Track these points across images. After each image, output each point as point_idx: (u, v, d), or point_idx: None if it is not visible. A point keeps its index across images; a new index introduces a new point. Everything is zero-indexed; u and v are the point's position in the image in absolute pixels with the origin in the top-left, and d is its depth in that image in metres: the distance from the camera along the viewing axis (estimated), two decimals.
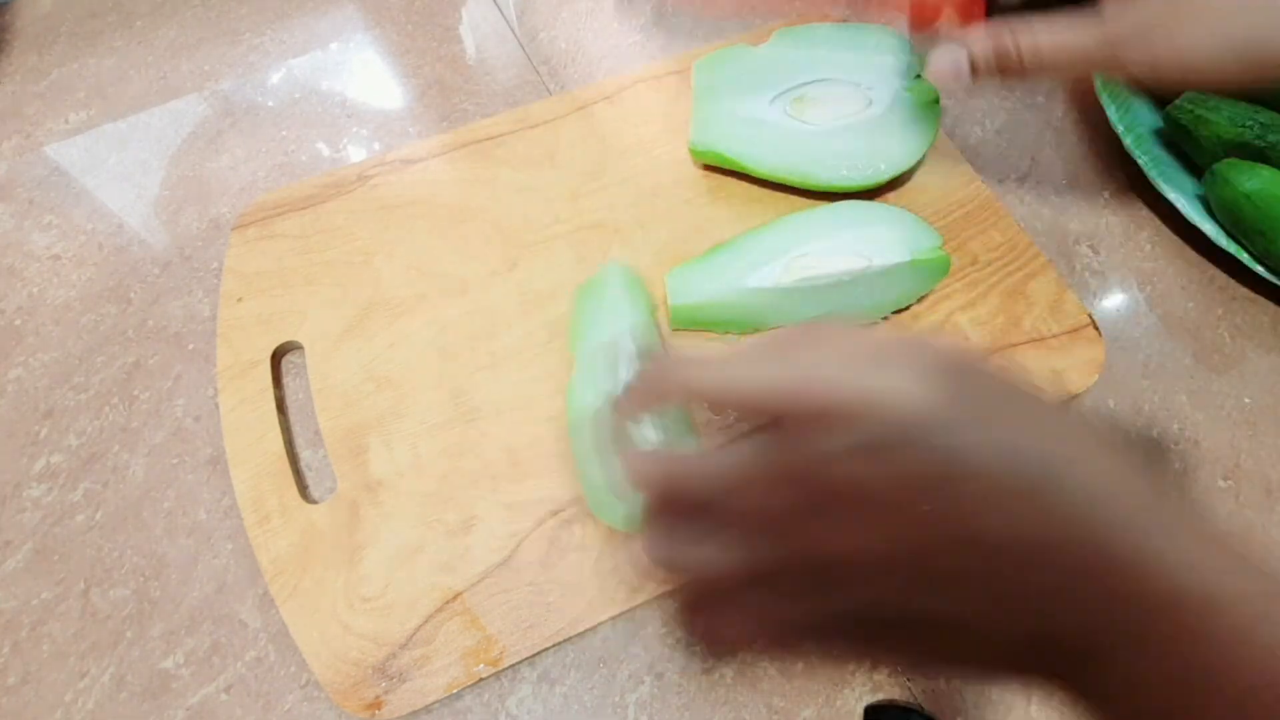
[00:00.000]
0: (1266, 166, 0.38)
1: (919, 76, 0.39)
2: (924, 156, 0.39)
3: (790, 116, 0.39)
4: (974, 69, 0.31)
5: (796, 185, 0.39)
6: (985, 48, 0.31)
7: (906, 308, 0.37)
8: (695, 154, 0.40)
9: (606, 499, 0.31)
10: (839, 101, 0.39)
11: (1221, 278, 0.41)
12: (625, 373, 0.32)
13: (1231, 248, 0.39)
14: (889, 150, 0.38)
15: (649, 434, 0.31)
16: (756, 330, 0.36)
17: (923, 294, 0.37)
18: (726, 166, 0.40)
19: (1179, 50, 0.28)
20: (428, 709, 0.30)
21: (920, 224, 0.37)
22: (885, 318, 0.37)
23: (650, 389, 0.22)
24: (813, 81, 0.40)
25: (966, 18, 0.36)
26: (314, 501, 0.33)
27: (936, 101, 0.39)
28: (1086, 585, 0.17)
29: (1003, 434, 0.18)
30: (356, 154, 0.44)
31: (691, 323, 0.36)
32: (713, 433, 0.33)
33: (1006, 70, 0.30)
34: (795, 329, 0.21)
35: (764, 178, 0.39)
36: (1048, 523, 0.17)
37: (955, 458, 0.17)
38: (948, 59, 0.31)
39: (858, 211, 0.37)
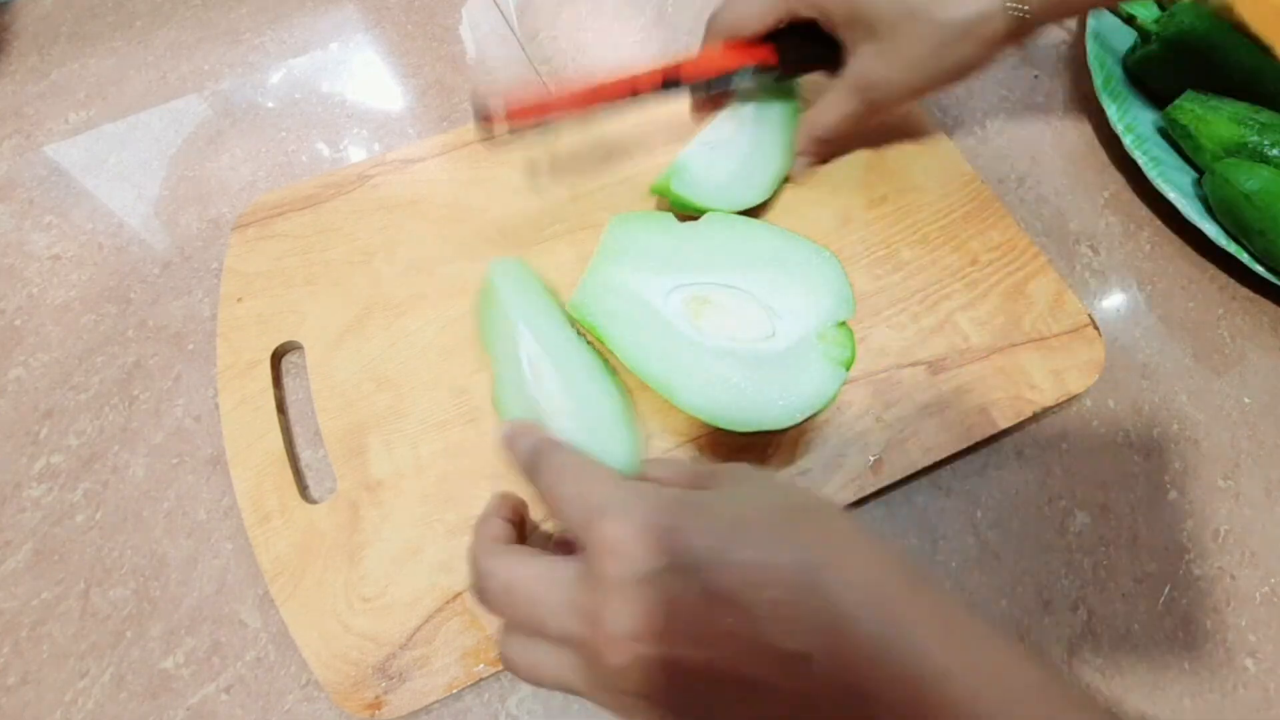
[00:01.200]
0: (1266, 166, 0.38)
1: (843, 324, 0.33)
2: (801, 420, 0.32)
3: (683, 316, 0.33)
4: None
5: (658, 391, 0.32)
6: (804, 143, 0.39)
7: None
8: (571, 312, 0.35)
9: None
10: (740, 320, 0.33)
11: (1221, 278, 0.41)
12: (530, 371, 0.33)
13: (1231, 248, 0.39)
14: (767, 399, 0.31)
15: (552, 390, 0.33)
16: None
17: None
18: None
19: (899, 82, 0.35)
20: (428, 709, 0.30)
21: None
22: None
23: (511, 452, 0.26)
24: (724, 286, 0.34)
25: (752, 56, 0.37)
26: (314, 501, 0.33)
27: (848, 365, 0.32)
28: (849, 673, 0.19)
29: (770, 538, 0.21)
30: (357, 154, 0.44)
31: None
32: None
33: (828, 148, 0.40)
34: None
35: (630, 370, 0.33)
36: (813, 620, 0.19)
37: (730, 572, 0.20)
38: (800, 166, 0.40)
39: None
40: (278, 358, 0.37)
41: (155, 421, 0.36)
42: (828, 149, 0.40)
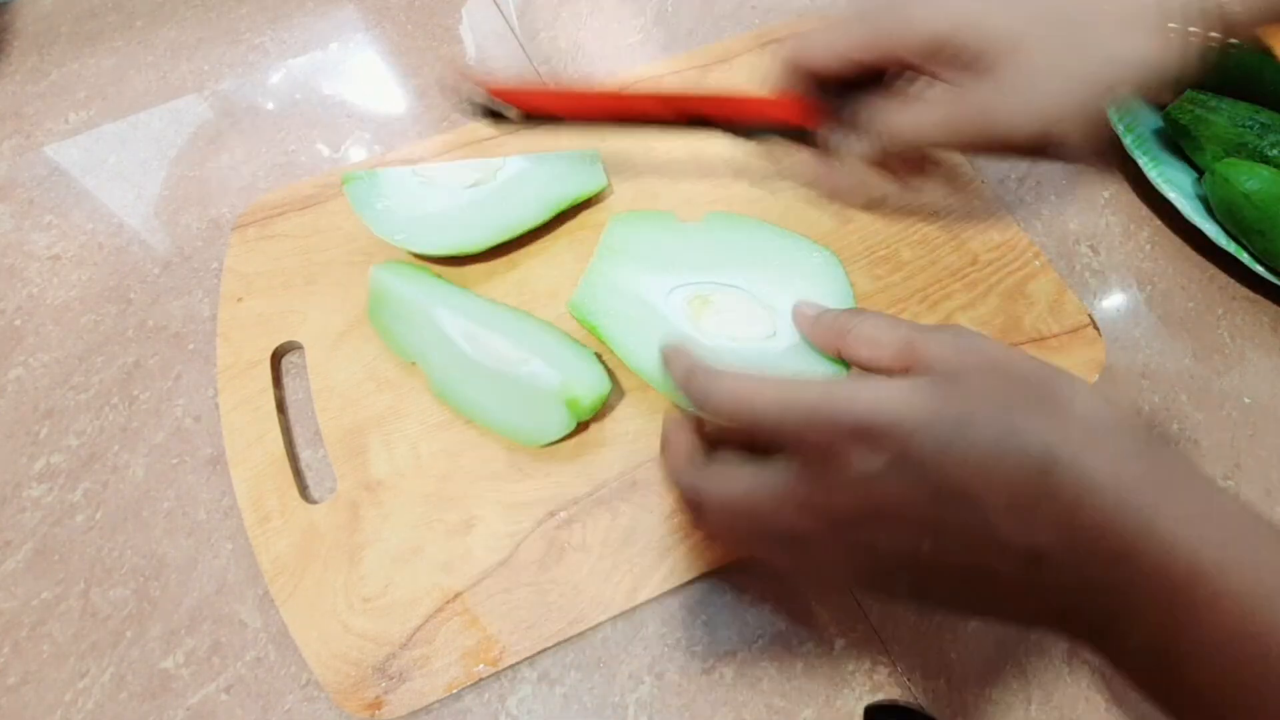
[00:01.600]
0: (1266, 166, 0.38)
1: None
2: None
3: (684, 315, 0.33)
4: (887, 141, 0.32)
5: (659, 391, 0.33)
6: (885, 125, 0.31)
7: None
8: (571, 312, 0.35)
9: (528, 423, 0.33)
10: (741, 319, 0.33)
11: (1221, 278, 0.41)
12: (469, 345, 0.34)
13: (1231, 248, 0.39)
14: (815, 368, 0.32)
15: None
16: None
17: None
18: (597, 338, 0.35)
19: (1022, 108, 0.29)
20: (428, 709, 0.30)
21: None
22: None
23: (679, 382, 0.26)
24: (725, 285, 0.34)
25: (800, 115, 0.33)
26: (314, 501, 0.33)
27: (849, 365, 0.31)
28: (1087, 569, 0.19)
29: (998, 433, 0.20)
30: (357, 154, 0.44)
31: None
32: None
33: (884, 163, 0.33)
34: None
35: (631, 370, 0.33)
36: (1048, 519, 0.19)
37: (956, 469, 0.19)
38: (864, 143, 0.33)
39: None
40: (278, 358, 0.37)
41: (155, 421, 0.36)
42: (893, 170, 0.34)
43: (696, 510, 0.25)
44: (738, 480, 0.23)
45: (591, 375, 0.33)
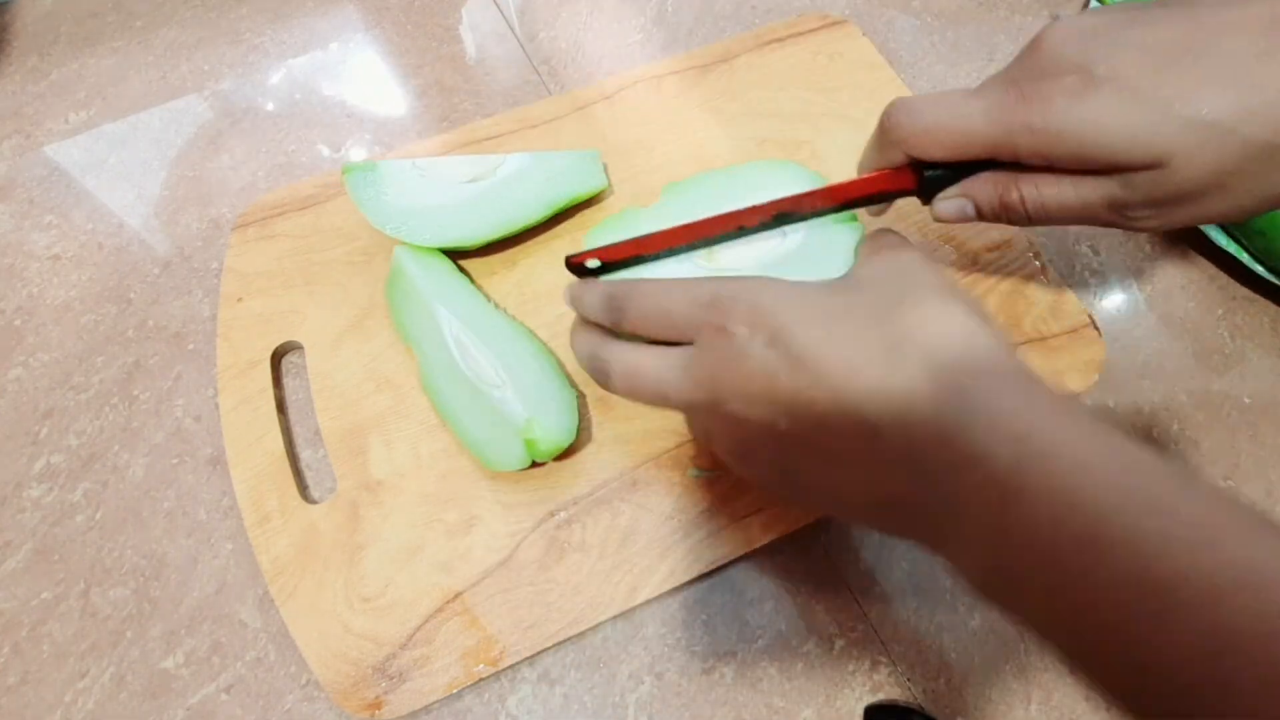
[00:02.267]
0: None
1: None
2: None
3: (705, 269, 0.33)
4: (979, 214, 0.28)
5: None
6: (991, 197, 0.28)
7: None
8: None
9: (490, 446, 0.32)
10: (752, 242, 0.33)
11: (1221, 278, 0.41)
12: (458, 350, 0.34)
13: (1231, 248, 0.39)
14: (826, 273, 0.30)
15: None
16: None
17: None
18: None
19: (1215, 214, 0.25)
20: (428, 709, 0.30)
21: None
22: None
23: (582, 306, 0.28)
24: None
25: (895, 184, 0.29)
26: (314, 501, 0.33)
27: (854, 216, 0.32)
28: (921, 458, 0.20)
29: (860, 327, 0.22)
30: (357, 154, 0.44)
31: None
32: None
33: (1011, 218, 0.28)
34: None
35: None
36: (886, 401, 0.21)
37: (816, 350, 0.22)
38: (954, 206, 0.29)
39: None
40: (278, 358, 0.37)
41: (155, 421, 0.36)
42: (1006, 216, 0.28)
43: (604, 378, 0.27)
44: (642, 355, 0.26)
45: (559, 421, 0.32)
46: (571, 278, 0.30)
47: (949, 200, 0.28)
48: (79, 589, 0.33)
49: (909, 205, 0.31)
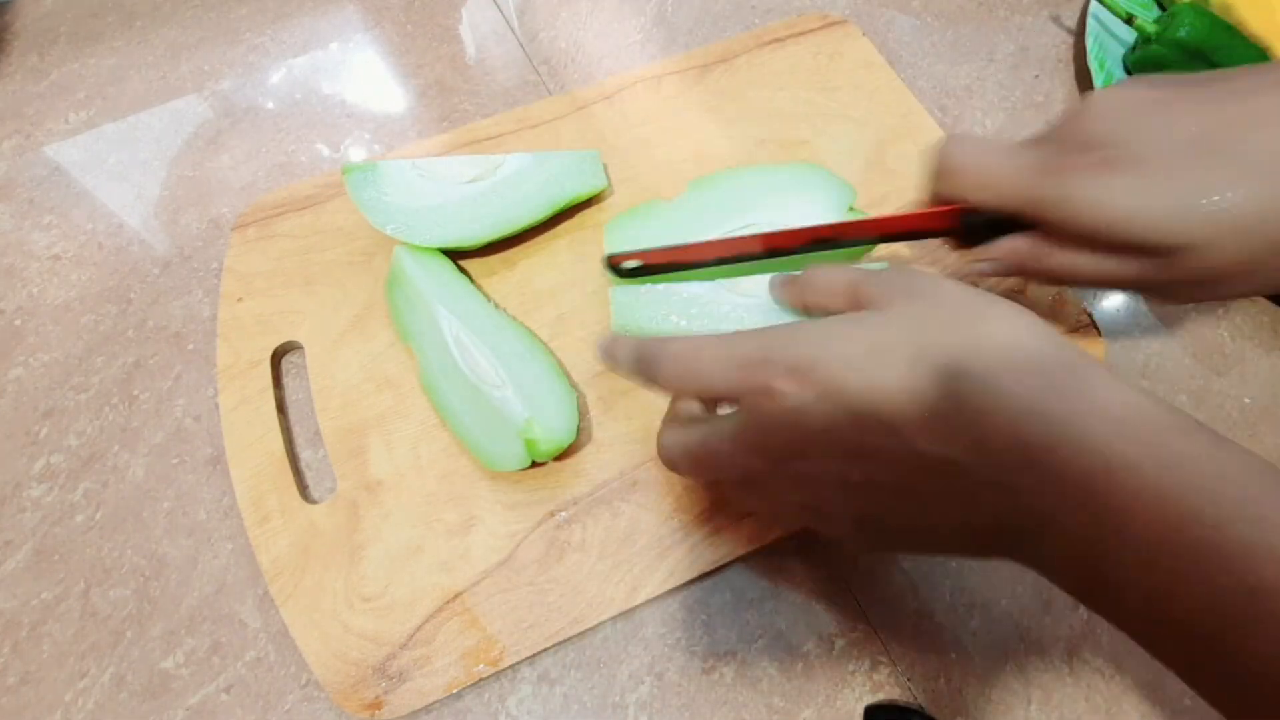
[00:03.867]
0: None
1: (851, 209, 0.35)
2: None
3: (730, 295, 0.33)
4: (1013, 272, 0.29)
5: None
6: (1025, 260, 0.28)
7: None
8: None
9: (490, 446, 0.32)
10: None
11: None
12: (458, 351, 0.34)
13: None
14: None
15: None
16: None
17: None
18: None
19: (1248, 292, 0.27)
20: (428, 709, 0.30)
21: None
22: None
23: (629, 368, 0.27)
24: (741, 230, 0.35)
25: (937, 223, 0.30)
26: (314, 501, 0.33)
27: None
28: (1002, 475, 0.20)
29: (910, 355, 0.21)
30: (356, 154, 0.44)
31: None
32: None
33: (1044, 281, 0.30)
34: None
35: None
36: (958, 429, 0.20)
37: (870, 393, 0.21)
38: (989, 267, 0.29)
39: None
40: (278, 358, 0.37)
41: (155, 421, 0.36)
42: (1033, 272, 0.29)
43: (672, 466, 0.26)
44: (694, 432, 0.25)
45: (559, 421, 0.32)
46: (611, 286, 0.30)
47: (985, 262, 0.29)
48: (79, 589, 0.33)
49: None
